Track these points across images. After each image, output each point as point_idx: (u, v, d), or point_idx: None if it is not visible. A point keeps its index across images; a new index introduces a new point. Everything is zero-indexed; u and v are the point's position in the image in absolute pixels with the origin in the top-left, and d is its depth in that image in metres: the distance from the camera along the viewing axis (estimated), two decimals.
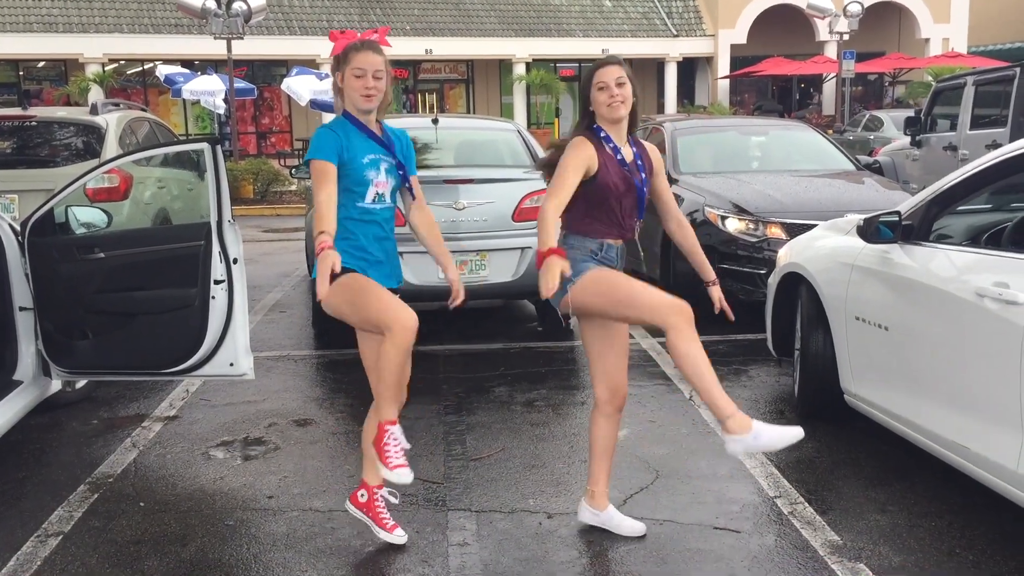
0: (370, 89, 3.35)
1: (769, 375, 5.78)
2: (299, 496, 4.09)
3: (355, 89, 3.36)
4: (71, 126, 8.42)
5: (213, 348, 4.37)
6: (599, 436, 3.66)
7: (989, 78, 10.16)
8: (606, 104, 3.40)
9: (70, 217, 4.87)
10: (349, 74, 3.37)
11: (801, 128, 9.53)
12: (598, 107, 3.44)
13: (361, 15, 30.15)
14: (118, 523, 3.86)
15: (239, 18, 18.20)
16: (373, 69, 3.35)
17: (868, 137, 19.43)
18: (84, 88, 25.82)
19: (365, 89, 3.35)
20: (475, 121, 10.51)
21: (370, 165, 3.39)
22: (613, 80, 3.40)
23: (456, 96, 33.24)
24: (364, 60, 3.36)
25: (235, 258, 4.34)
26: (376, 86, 3.36)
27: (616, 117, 3.42)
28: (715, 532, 3.67)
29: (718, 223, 6.96)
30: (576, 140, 3.43)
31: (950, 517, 3.74)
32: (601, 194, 3.42)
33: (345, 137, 3.37)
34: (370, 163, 3.39)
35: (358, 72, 3.35)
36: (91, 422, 5.18)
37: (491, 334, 7.06)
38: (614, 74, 3.41)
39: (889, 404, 4.14)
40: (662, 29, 32.43)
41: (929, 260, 3.92)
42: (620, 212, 3.47)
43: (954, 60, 27.98)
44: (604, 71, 3.42)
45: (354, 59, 3.36)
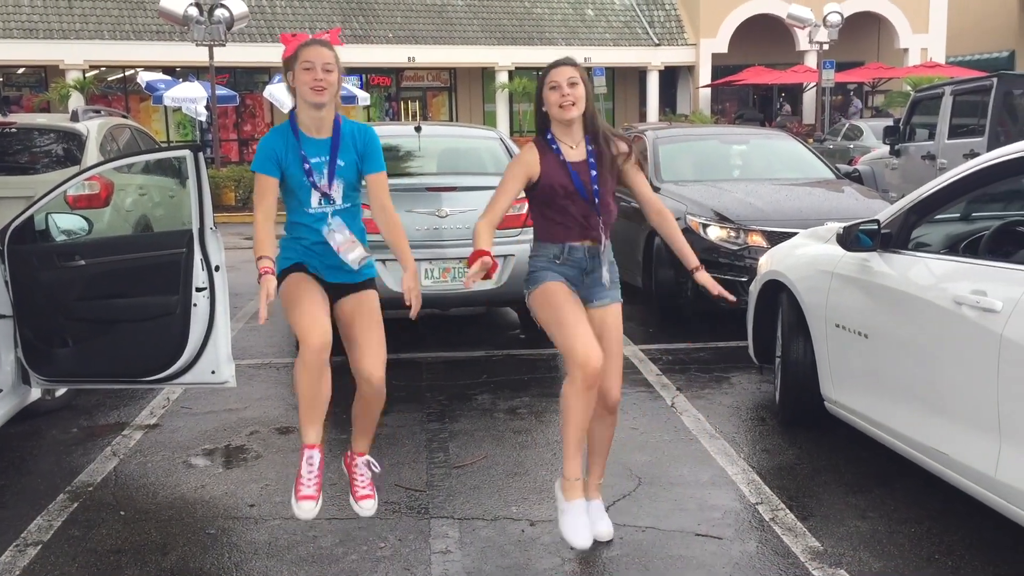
0: (319, 81, 3.32)
1: (751, 382, 5.82)
2: (281, 504, 4.07)
3: (304, 83, 3.33)
4: (51, 133, 8.38)
5: (195, 356, 4.36)
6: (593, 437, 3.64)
7: (967, 88, 10.27)
8: (557, 104, 3.37)
9: (50, 224, 4.85)
10: (299, 69, 3.35)
11: (781, 137, 9.59)
12: (550, 107, 3.41)
13: (344, 22, 30.12)
14: (98, 532, 3.84)
15: (221, 25, 18.15)
16: (322, 62, 3.33)
17: (848, 146, 19.59)
18: (64, 95, 25.63)
19: (314, 81, 3.32)
20: (458, 129, 10.53)
21: (314, 169, 3.38)
22: (565, 80, 3.36)
23: (439, 104, 33.25)
24: (313, 53, 3.35)
25: (217, 265, 4.33)
26: (326, 79, 3.33)
27: (567, 118, 3.38)
28: (697, 539, 3.68)
29: (700, 231, 6.99)
30: (523, 148, 3.47)
31: (929, 523, 3.77)
32: (546, 196, 3.42)
33: (284, 144, 3.38)
34: (314, 166, 3.38)
35: (307, 65, 3.33)
36: (71, 430, 5.14)
37: (474, 341, 7.06)
38: (566, 74, 3.37)
39: (869, 411, 4.17)
40: (644, 38, 32.59)
41: (908, 268, 3.96)
42: (576, 213, 3.42)
43: (932, 70, 28.26)
44: (557, 71, 3.39)
45: (303, 53, 3.36)
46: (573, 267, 3.46)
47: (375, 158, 3.51)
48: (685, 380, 5.89)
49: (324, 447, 3.55)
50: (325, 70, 3.33)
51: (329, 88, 3.34)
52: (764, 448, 4.70)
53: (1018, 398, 3.17)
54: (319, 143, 3.42)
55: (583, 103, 3.40)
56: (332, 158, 3.41)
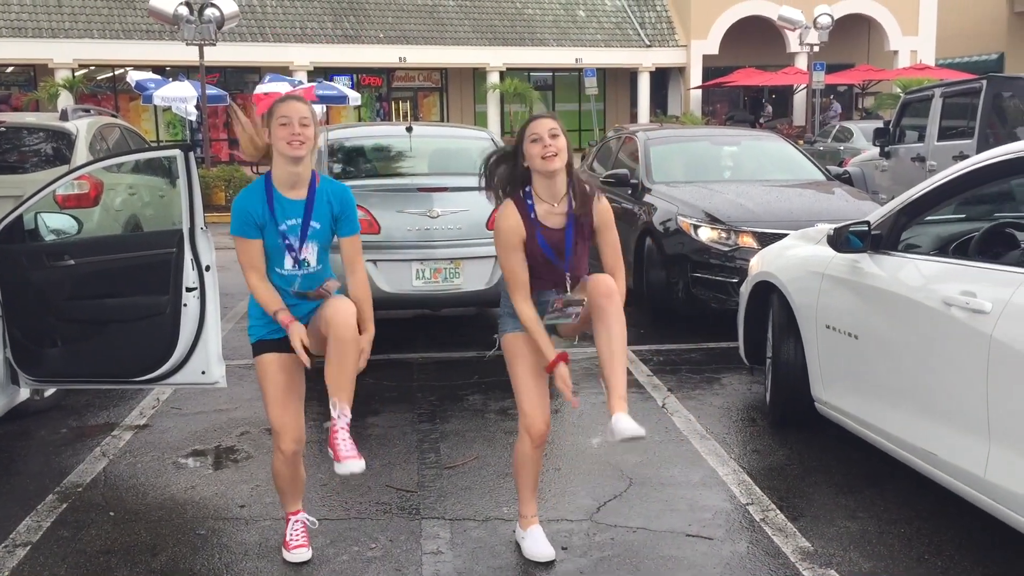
0: (296, 136, 3.28)
1: (741, 383, 5.83)
2: (271, 505, 4.06)
3: (281, 137, 3.30)
4: (40, 132, 8.34)
5: (185, 356, 4.34)
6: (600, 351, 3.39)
7: (956, 90, 10.31)
8: (540, 156, 3.29)
9: (39, 224, 4.82)
10: (275, 124, 3.31)
11: (772, 138, 9.62)
12: (532, 160, 3.32)
13: (335, 23, 30.10)
14: (87, 533, 3.82)
15: (211, 24, 18.09)
16: (299, 116, 3.30)
17: (838, 148, 19.64)
18: (54, 94, 25.54)
19: (291, 136, 3.28)
20: (449, 129, 10.53)
21: (288, 233, 3.37)
22: (547, 132, 3.29)
23: (430, 104, 33.24)
24: (289, 109, 3.33)
25: (207, 265, 4.31)
26: (303, 133, 3.30)
27: (550, 169, 3.31)
28: (688, 539, 3.69)
29: (691, 232, 7.00)
30: (502, 210, 3.40)
31: (919, 523, 3.78)
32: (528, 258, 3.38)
33: (260, 205, 3.36)
34: (289, 230, 3.37)
35: (283, 120, 3.30)
36: (60, 431, 5.12)
37: (465, 342, 7.06)
38: (547, 126, 3.32)
39: (859, 411, 4.18)
40: (635, 39, 32.64)
41: (898, 269, 3.97)
42: (547, 275, 3.41)
43: (922, 72, 28.38)
44: (537, 123, 3.34)
45: (278, 109, 3.34)
46: (542, 308, 3.42)
47: (351, 221, 3.48)
48: (676, 381, 5.90)
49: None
50: (302, 124, 3.31)
51: (307, 143, 3.32)
52: (755, 449, 4.71)
53: (1007, 399, 3.18)
54: (293, 204, 3.39)
55: (565, 154, 3.34)
56: (305, 220, 3.39)
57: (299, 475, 3.62)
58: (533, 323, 3.35)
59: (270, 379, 3.46)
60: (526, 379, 3.45)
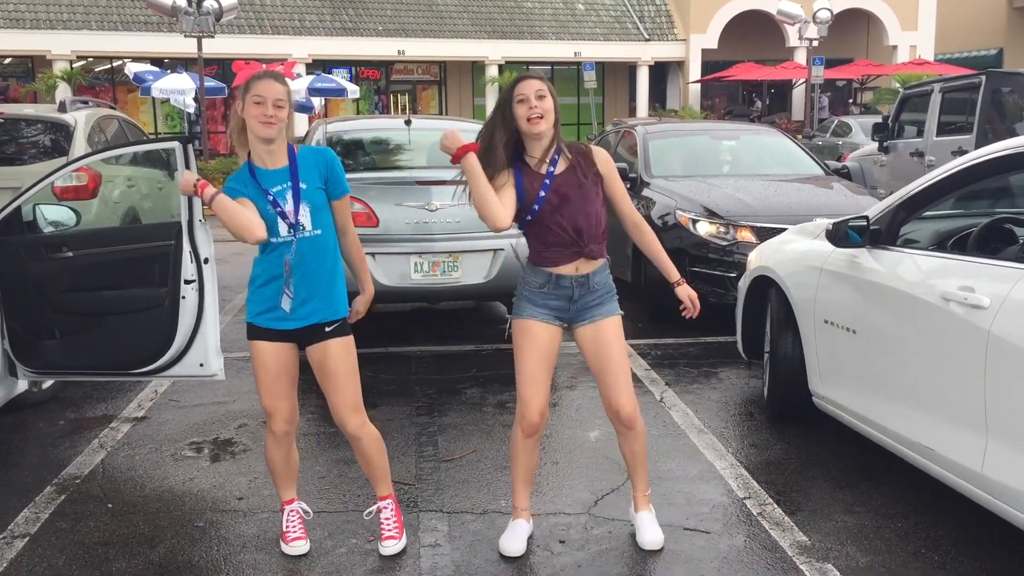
0: (270, 117, 3.26)
1: (739, 377, 5.83)
2: (269, 497, 4.07)
3: (254, 116, 3.27)
4: (39, 124, 8.33)
5: (183, 348, 4.34)
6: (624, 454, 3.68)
7: (955, 85, 10.31)
8: (525, 118, 3.30)
9: (38, 215, 4.82)
10: (249, 101, 3.28)
11: (771, 133, 9.61)
12: (519, 121, 3.32)
13: (333, 15, 30.04)
14: (85, 524, 3.82)
15: (210, 16, 18.05)
16: (274, 97, 3.27)
17: (837, 143, 19.64)
18: (52, 85, 25.48)
19: (264, 116, 3.26)
20: (448, 123, 10.49)
21: (277, 197, 3.34)
22: (533, 93, 3.29)
23: (428, 97, 33.20)
24: (265, 88, 3.28)
25: (206, 258, 4.31)
26: (276, 114, 3.27)
27: (535, 131, 3.31)
28: (685, 533, 3.70)
29: (689, 226, 7.00)
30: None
31: (916, 518, 3.79)
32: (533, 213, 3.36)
33: (243, 183, 3.34)
34: (277, 195, 3.34)
35: (257, 99, 3.26)
36: (58, 423, 5.12)
37: (463, 336, 7.06)
38: (534, 87, 3.30)
39: (856, 406, 4.19)
40: (634, 33, 32.60)
41: (896, 264, 3.97)
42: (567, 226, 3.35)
43: (921, 67, 28.36)
44: (524, 84, 3.32)
45: (254, 86, 3.28)
46: (559, 297, 3.43)
47: (339, 180, 3.45)
48: (674, 375, 5.90)
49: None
50: (276, 106, 3.27)
51: (278, 124, 3.30)
52: (752, 443, 4.71)
53: (1005, 394, 3.19)
54: (276, 173, 3.37)
55: (552, 116, 3.33)
56: (294, 183, 3.36)
57: (292, 459, 3.63)
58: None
59: (260, 364, 3.46)
60: (531, 365, 3.44)
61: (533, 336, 3.44)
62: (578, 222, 3.36)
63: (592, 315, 3.47)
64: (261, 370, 3.47)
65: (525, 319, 3.46)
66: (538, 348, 3.44)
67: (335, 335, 3.43)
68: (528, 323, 3.45)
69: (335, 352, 3.43)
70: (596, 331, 3.47)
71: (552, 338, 3.47)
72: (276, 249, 3.37)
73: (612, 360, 3.47)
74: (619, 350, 3.50)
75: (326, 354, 3.42)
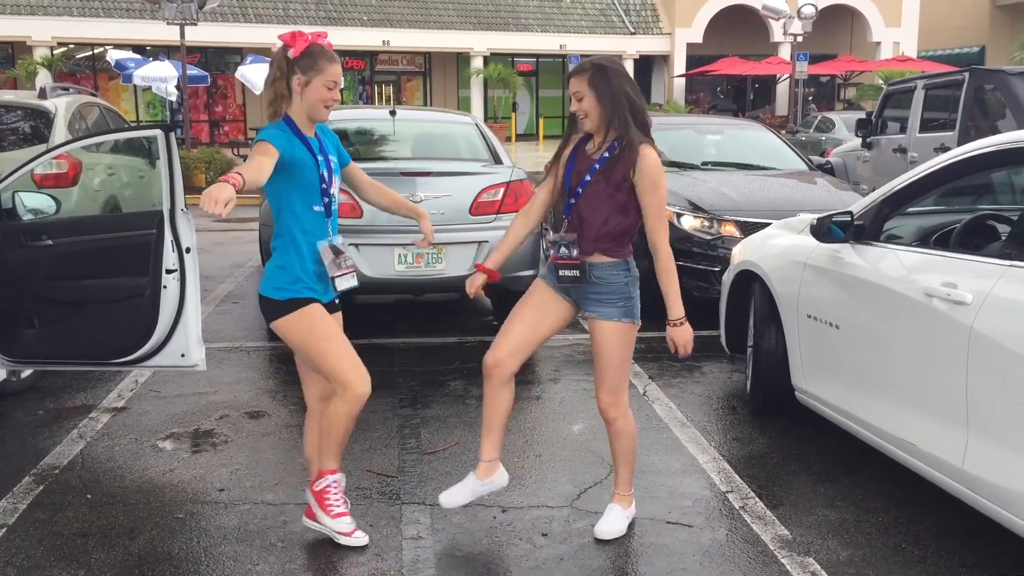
0: (336, 100, 3.32)
1: (722, 372, 5.85)
2: (251, 489, 4.04)
3: (321, 99, 3.26)
4: (18, 110, 8.24)
5: (164, 338, 4.31)
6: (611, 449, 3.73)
7: (938, 82, 10.36)
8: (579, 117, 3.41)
9: (17, 203, 4.77)
10: (319, 83, 3.25)
11: (755, 128, 9.63)
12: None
13: (317, 4, 29.89)
14: (64, 515, 3.79)
15: (193, 4, 17.91)
16: (339, 82, 3.34)
17: (820, 138, 19.73)
18: (32, 72, 25.26)
19: (332, 100, 3.29)
20: (433, 114, 10.46)
21: (322, 165, 3.34)
22: (573, 95, 3.39)
23: (413, 88, 33.11)
24: (336, 72, 3.30)
25: (188, 247, 4.28)
26: (336, 96, 3.33)
27: (584, 130, 3.42)
28: (668, 526, 3.70)
29: (674, 220, 7.00)
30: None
31: (897, 512, 3.81)
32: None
33: (290, 142, 3.26)
34: (322, 163, 3.34)
35: (330, 84, 3.27)
36: (37, 412, 5.07)
37: (447, 328, 7.05)
38: (572, 88, 3.38)
39: (839, 401, 4.21)
40: (619, 26, 32.61)
41: (879, 260, 3.99)
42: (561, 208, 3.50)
43: (904, 64, 28.52)
44: (570, 82, 3.40)
45: (329, 70, 3.26)
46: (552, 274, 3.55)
47: (343, 151, 3.57)
48: (657, 369, 5.91)
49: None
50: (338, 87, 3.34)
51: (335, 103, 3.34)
52: (735, 437, 4.73)
53: (986, 390, 3.20)
54: (313, 141, 3.36)
55: (596, 112, 3.31)
56: (325, 155, 3.37)
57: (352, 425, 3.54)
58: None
59: (327, 323, 3.34)
60: (516, 312, 3.58)
61: (531, 291, 3.61)
62: (583, 213, 3.42)
63: (592, 310, 3.52)
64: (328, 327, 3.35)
65: (539, 277, 3.63)
66: (529, 300, 3.59)
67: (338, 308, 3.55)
68: (537, 281, 3.63)
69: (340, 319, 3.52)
70: (592, 327, 3.56)
71: (547, 300, 3.56)
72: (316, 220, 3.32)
73: (601, 357, 3.54)
74: (608, 352, 3.50)
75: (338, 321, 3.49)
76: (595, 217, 3.40)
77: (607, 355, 3.51)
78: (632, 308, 3.52)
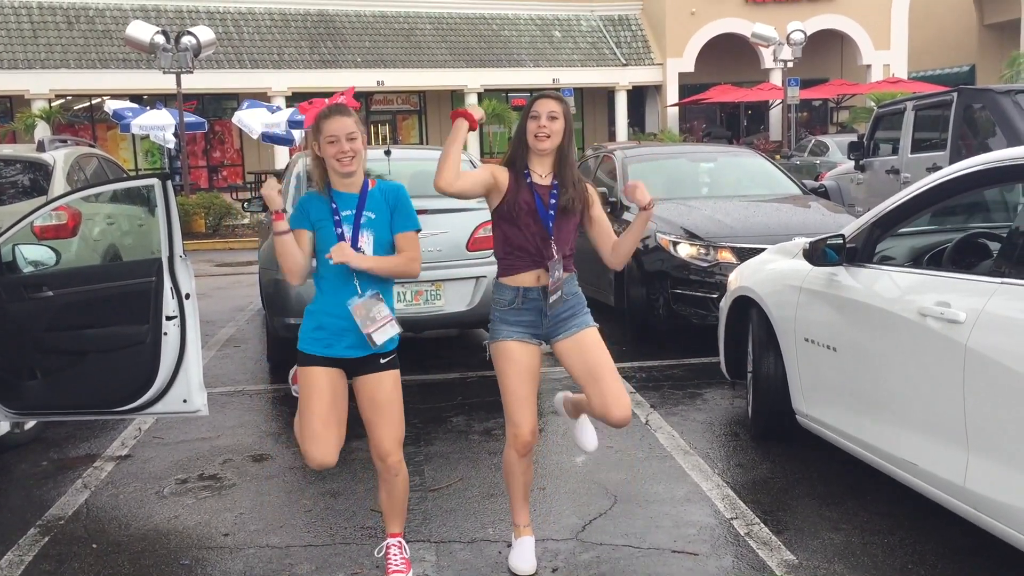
0: (345, 153, 3.30)
1: (723, 398, 5.85)
2: (256, 532, 4.05)
3: (332, 156, 3.31)
4: (17, 163, 8.31)
5: (166, 385, 4.33)
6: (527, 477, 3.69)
7: (928, 103, 10.44)
8: (533, 134, 3.45)
9: (17, 256, 4.80)
10: (323, 142, 3.32)
11: (749, 154, 9.70)
12: (527, 136, 3.48)
13: (312, 48, 30.16)
14: (70, 566, 3.79)
15: (188, 52, 18.11)
16: (346, 133, 3.30)
17: (815, 162, 19.83)
18: (30, 124, 25.43)
19: (341, 154, 3.30)
20: (428, 152, 10.54)
21: (343, 221, 3.36)
22: (546, 112, 3.44)
23: (409, 127, 33.32)
24: (335, 126, 3.31)
25: (187, 293, 4.31)
26: (351, 148, 3.31)
27: (539, 148, 3.45)
28: (673, 555, 3.70)
29: (670, 249, 7.05)
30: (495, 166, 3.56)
31: (902, 533, 3.81)
32: (510, 213, 3.45)
33: (319, 200, 3.39)
34: (344, 219, 3.36)
35: (331, 139, 3.31)
36: (41, 463, 5.08)
37: (447, 364, 7.06)
38: (548, 107, 3.45)
39: (839, 423, 4.22)
40: (611, 58, 32.87)
41: (873, 281, 4.01)
42: (535, 234, 3.45)
43: (895, 85, 28.71)
44: (540, 102, 3.48)
45: (325, 127, 3.32)
46: (530, 311, 3.49)
47: (406, 214, 3.43)
48: (659, 397, 5.92)
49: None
50: (349, 139, 3.31)
51: (356, 156, 3.33)
52: (738, 463, 4.73)
53: (983, 407, 3.22)
54: (349, 197, 3.40)
55: (558, 138, 3.46)
56: (359, 210, 3.38)
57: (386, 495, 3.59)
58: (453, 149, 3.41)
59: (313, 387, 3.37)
60: (517, 386, 3.48)
61: (512, 357, 3.48)
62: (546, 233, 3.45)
63: (568, 327, 3.52)
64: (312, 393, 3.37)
65: (502, 341, 3.49)
66: (519, 369, 3.48)
67: (389, 367, 3.43)
68: (505, 345, 3.49)
69: (391, 386, 3.41)
70: (577, 342, 3.52)
71: (532, 357, 3.51)
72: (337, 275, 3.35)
73: (603, 365, 3.51)
74: (602, 354, 3.54)
75: (380, 384, 3.40)
76: (566, 238, 3.51)
77: (603, 359, 3.53)
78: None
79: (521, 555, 3.60)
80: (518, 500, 3.64)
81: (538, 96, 3.52)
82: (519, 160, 3.52)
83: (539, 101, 3.48)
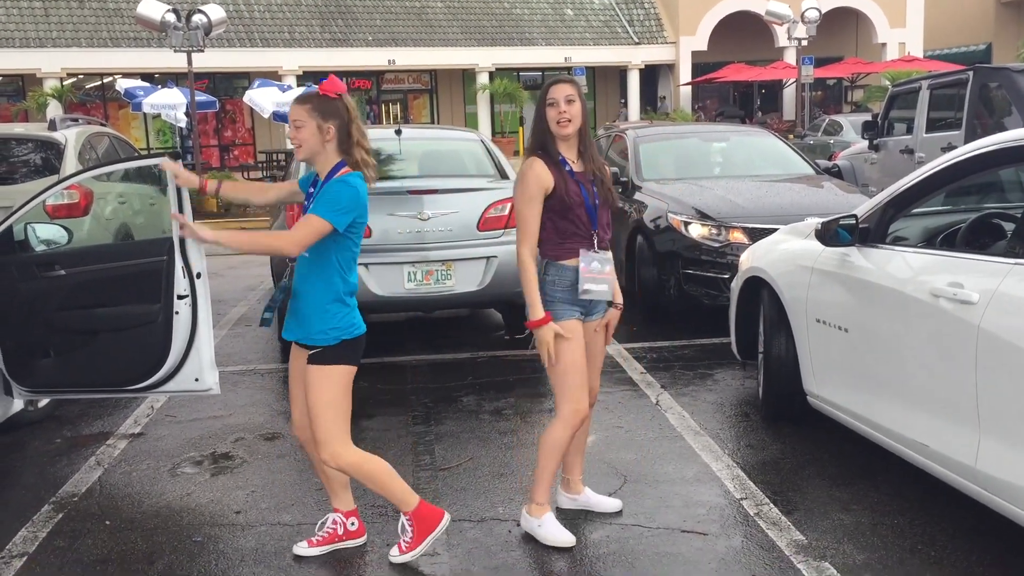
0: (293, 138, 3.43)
1: (734, 378, 5.85)
2: (267, 510, 4.07)
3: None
4: (29, 142, 8.33)
5: (178, 363, 4.34)
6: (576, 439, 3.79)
7: (943, 82, 10.34)
8: (555, 121, 3.51)
9: (29, 234, 4.82)
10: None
11: (761, 134, 9.64)
12: (549, 123, 3.54)
13: (323, 26, 30.09)
14: (83, 542, 3.82)
15: (199, 31, 18.06)
16: (292, 119, 3.41)
17: (828, 141, 19.69)
18: (42, 103, 25.49)
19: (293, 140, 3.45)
20: (439, 131, 10.54)
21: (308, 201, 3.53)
22: (563, 98, 3.50)
23: (420, 106, 33.24)
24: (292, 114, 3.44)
25: (198, 272, 4.31)
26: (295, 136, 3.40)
27: (564, 134, 3.53)
28: (683, 535, 3.71)
29: (681, 229, 7.02)
30: (526, 163, 3.55)
31: (912, 514, 3.80)
32: (563, 206, 3.51)
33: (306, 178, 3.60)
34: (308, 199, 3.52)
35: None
36: (55, 441, 5.12)
37: (458, 343, 7.07)
38: (564, 92, 3.51)
39: (850, 404, 4.21)
40: (624, 37, 32.67)
41: (886, 262, 3.99)
42: (586, 222, 3.55)
43: (910, 64, 28.45)
44: (555, 88, 3.53)
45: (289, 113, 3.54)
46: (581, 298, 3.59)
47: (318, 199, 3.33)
48: (669, 378, 5.91)
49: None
50: (295, 127, 3.39)
51: (301, 144, 3.40)
52: (748, 444, 4.73)
53: (996, 389, 3.20)
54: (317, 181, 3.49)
55: (579, 120, 3.53)
56: (309, 195, 3.47)
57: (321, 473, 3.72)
58: (532, 278, 3.49)
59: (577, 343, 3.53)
60: (578, 359, 3.56)
61: (576, 333, 3.58)
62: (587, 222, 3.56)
63: (602, 310, 3.71)
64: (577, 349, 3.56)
65: (566, 321, 3.55)
66: (580, 344, 3.59)
67: (312, 362, 3.41)
68: (570, 324, 3.56)
69: (310, 379, 3.42)
70: (604, 323, 3.73)
71: (583, 336, 3.63)
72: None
73: (602, 352, 3.80)
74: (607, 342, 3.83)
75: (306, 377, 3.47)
76: (607, 228, 3.66)
77: (603, 347, 3.81)
78: None
79: (552, 529, 3.64)
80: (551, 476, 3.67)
81: (552, 82, 3.57)
82: (550, 148, 3.56)
83: (554, 87, 3.54)
